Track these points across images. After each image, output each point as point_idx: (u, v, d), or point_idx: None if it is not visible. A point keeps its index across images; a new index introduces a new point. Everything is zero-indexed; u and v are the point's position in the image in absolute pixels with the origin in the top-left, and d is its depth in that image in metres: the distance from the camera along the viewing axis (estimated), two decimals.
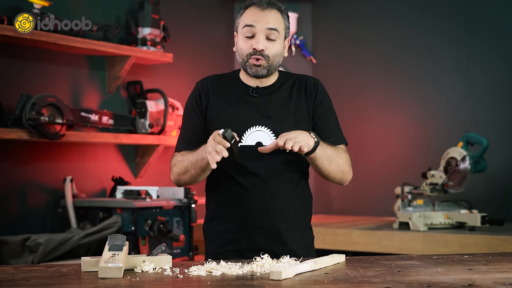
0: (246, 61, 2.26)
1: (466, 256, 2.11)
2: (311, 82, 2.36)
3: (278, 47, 2.27)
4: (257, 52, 2.23)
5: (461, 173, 3.77)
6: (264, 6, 2.25)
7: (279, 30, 2.26)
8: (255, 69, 2.26)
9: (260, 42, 2.23)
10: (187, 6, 4.61)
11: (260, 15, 2.25)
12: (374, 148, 4.83)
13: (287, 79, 2.37)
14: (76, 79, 3.81)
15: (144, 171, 4.12)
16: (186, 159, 2.25)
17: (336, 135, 2.36)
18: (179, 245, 3.64)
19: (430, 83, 4.62)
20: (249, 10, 2.28)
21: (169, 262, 1.90)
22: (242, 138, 2.26)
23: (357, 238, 3.78)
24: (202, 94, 2.33)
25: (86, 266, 1.83)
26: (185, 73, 4.52)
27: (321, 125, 2.33)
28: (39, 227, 3.55)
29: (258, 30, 2.23)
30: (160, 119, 4.01)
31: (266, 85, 2.33)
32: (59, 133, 3.37)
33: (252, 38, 2.25)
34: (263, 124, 2.27)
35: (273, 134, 2.26)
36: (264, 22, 2.24)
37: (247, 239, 2.26)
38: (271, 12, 2.26)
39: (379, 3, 4.84)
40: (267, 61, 2.25)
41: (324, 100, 2.35)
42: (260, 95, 2.31)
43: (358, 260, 2.04)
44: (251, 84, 2.33)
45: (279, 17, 2.27)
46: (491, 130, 4.24)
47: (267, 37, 2.24)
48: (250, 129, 2.26)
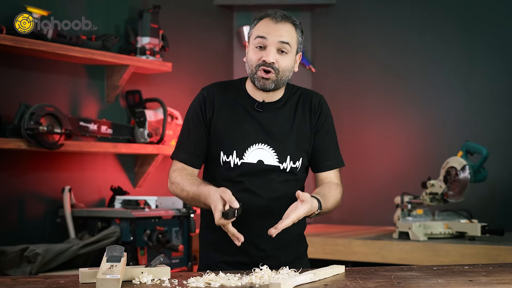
0: (255, 72, 2.21)
1: (466, 267, 2.09)
2: (316, 100, 2.33)
3: (289, 61, 2.23)
4: (266, 64, 2.19)
5: (461, 183, 3.76)
6: (278, 19, 2.21)
7: (291, 44, 2.22)
8: (263, 82, 2.21)
9: (271, 55, 2.19)
10: (186, 15, 4.61)
11: (273, 27, 2.20)
12: (374, 157, 4.82)
13: (292, 94, 2.33)
14: (75, 88, 3.81)
15: (143, 180, 4.11)
16: (186, 190, 2.20)
17: (333, 159, 2.34)
18: (178, 255, 3.63)
19: (430, 92, 4.62)
20: (262, 22, 2.23)
21: (168, 273, 1.89)
22: (243, 155, 2.23)
23: (357, 248, 3.77)
24: (208, 102, 2.28)
25: (84, 278, 1.82)
26: (184, 82, 4.51)
27: (320, 147, 2.32)
28: (37, 237, 3.53)
29: (270, 42, 2.19)
30: (159, 128, 4.00)
31: (272, 100, 2.29)
32: (57, 142, 3.36)
33: (263, 49, 2.21)
34: (266, 142, 2.24)
35: (274, 152, 2.24)
36: (276, 34, 2.19)
37: (240, 252, 2.24)
38: (285, 26, 2.21)
39: (379, 11, 4.85)
40: (276, 74, 2.21)
41: (326, 122, 2.34)
42: (265, 110, 2.28)
43: (358, 271, 2.03)
44: (257, 97, 2.28)
45: (292, 31, 2.23)
46: (491, 139, 4.23)
47: (278, 50, 2.20)
48: (252, 146, 2.24)
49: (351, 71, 4.96)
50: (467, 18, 4.47)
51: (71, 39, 3.54)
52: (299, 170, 2.29)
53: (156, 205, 3.70)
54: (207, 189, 2.13)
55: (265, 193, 2.24)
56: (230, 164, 2.23)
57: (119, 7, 4.09)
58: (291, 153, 2.25)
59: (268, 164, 2.23)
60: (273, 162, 2.23)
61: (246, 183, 2.23)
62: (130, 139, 3.95)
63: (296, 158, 2.27)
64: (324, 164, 2.32)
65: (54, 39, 3.43)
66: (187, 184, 2.20)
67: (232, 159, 2.23)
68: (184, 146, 2.30)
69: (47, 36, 3.40)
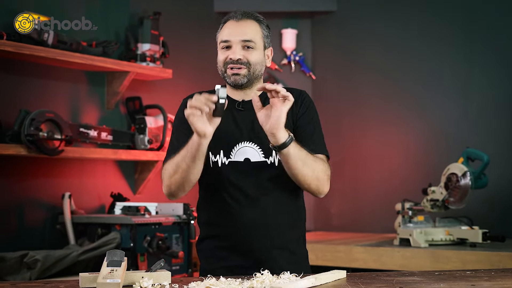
0: (224, 71, 2.27)
1: (468, 272, 2.08)
2: (297, 93, 2.32)
3: (256, 56, 2.25)
4: (233, 61, 2.23)
5: (462, 189, 3.75)
6: (239, 17, 2.26)
7: (255, 40, 2.25)
8: (234, 78, 2.25)
9: (236, 52, 2.23)
10: (186, 22, 4.62)
11: (235, 27, 2.25)
12: (374, 164, 4.81)
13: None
14: (75, 94, 3.81)
15: (143, 187, 4.10)
16: (175, 157, 2.19)
17: (318, 145, 2.28)
18: (178, 261, 3.61)
19: (430, 98, 4.61)
20: (226, 25, 2.28)
21: (168, 278, 1.88)
22: (230, 154, 2.25)
23: (357, 254, 3.76)
24: None
25: (84, 282, 1.81)
26: (185, 89, 4.51)
27: (301, 134, 2.27)
28: (37, 243, 3.52)
29: (234, 41, 2.24)
30: (159, 135, 3.99)
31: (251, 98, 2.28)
32: (57, 148, 3.36)
33: (229, 49, 2.25)
34: (251, 140, 2.26)
35: (260, 150, 2.25)
36: (238, 33, 2.24)
37: (238, 257, 2.24)
38: (247, 23, 2.26)
39: (378, 19, 4.85)
40: (248, 68, 2.24)
41: (308, 111, 2.31)
42: (247, 108, 2.29)
43: (359, 276, 2.01)
44: (237, 97, 2.31)
45: (255, 27, 2.27)
46: (491, 146, 4.22)
47: (244, 47, 2.24)
48: (238, 145, 2.26)
49: (351, 78, 4.96)
50: (466, 24, 4.47)
51: (72, 45, 3.54)
52: None
53: (156, 212, 3.69)
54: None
55: (256, 191, 2.23)
56: (218, 163, 2.25)
57: (119, 13, 4.09)
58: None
59: (255, 161, 2.24)
60: (259, 158, 2.24)
61: (236, 182, 2.24)
62: (130, 145, 3.95)
63: None
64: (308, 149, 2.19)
65: (55, 45, 3.43)
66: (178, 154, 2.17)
67: (219, 158, 2.25)
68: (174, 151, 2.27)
69: (47, 42, 3.40)
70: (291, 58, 5.04)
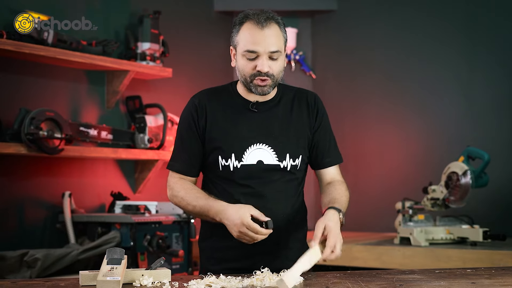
0: (250, 82, 2.19)
1: (468, 270, 2.08)
2: (311, 98, 2.33)
3: (281, 64, 2.21)
4: (262, 74, 2.16)
5: (462, 188, 3.75)
6: (263, 23, 2.15)
7: (281, 49, 2.19)
8: (261, 89, 2.19)
9: (265, 65, 2.15)
10: (186, 21, 4.62)
11: (260, 36, 2.14)
12: (375, 163, 4.81)
13: (286, 93, 2.32)
14: (75, 93, 3.80)
15: (143, 186, 4.10)
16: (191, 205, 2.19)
17: (333, 155, 2.34)
18: (178, 260, 3.61)
19: (431, 97, 4.61)
20: (247, 27, 2.17)
21: (168, 276, 1.88)
22: (242, 157, 2.21)
23: (357, 253, 3.75)
24: (199, 110, 2.25)
25: (84, 280, 1.81)
26: (185, 88, 4.51)
27: (320, 144, 2.32)
28: (37, 242, 3.52)
29: (261, 52, 2.15)
30: (159, 134, 3.99)
31: (266, 100, 2.28)
32: (57, 147, 3.35)
33: (254, 60, 2.17)
34: (264, 142, 2.22)
35: (274, 152, 2.22)
36: (265, 44, 2.14)
37: (245, 258, 2.21)
38: (271, 30, 2.16)
39: (379, 18, 4.85)
40: (272, 80, 2.19)
41: (324, 119, 2.34)
42: (260, 110, 2.26)
43: (359, 274, 2.01)
44: (251, 98, 2.27)
45: (279, 33, 2.18)
46: (492, 144, 4.22)
47: (269, 58, 2.17)
48: (251, 147, 2.22)
49: (352, 77, 4.95)
50: (468, 24, 4.47)
51: (72, 44, 3.54)
52: (299, 169, 2.27)
53: (156, 210, 3.69)
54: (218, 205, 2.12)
55: (267, 195, 2.22)
56: (229, 167, 2.21)
57: (119, 12, 4.09)
58: (290, 151, 2.24)
59: (268, 163, 2.21)
60: (272, 161, 2.22)
61: (248, 186, 2.21)
62: (130, 144, 3.94)
63: (296, 156, 2.25)
64: (325, 161, 2.32)
65: (55, 44, 3.43)
66: (192, 198, 2.19)
67: (231, 162, 2.21)
68: (178, 157, 2.28)
69: (47, 41, 3.40)
70: (291, 57, 5.03)
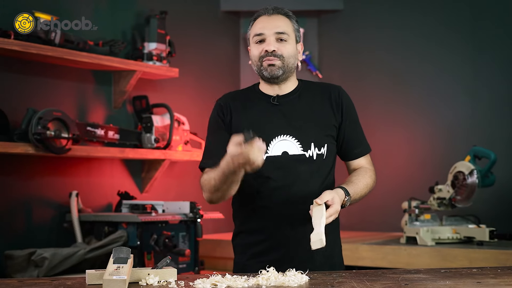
0: (261, 65, 2.29)
1: (474, 270, 2.08)
2: (335, 92, 2.37)
3: (290, 48, 2.29)
4: (269, 53, 2.26)
5: (468, 188, 3.74)
6: (271, 12, 2.32)
7: (288, 32, 2.29)
8: (270, 69, 2.27)
9: (271, 44, 2.26)
10: (193, 21, 4.62)
11: (267, 20, 2.30)
12: (381, 162, 4.80)
13: (307, 86, 2.39)
14: (82, 93, 3.82)
15: (150, 185, 4.11)
16: (212, 178, 2.20)
17: (361, 146, 2.41)
18: (184, 260, 3.62)
19: (437, 97, 4.60)
20: (258, 20, 2.34)
21: (174, 275, 1.88)
22: (268, 149, 2.24)
23: (364, 253, 3.75)
24: (225, 110, 2.34)
25: (91, 279, 1.82)
26: (191, 87, 4.52)
27: (350, 136, 2.37)
28: (44, 241, 3.53)
29: (268, 34, 2.28)
30: (166, 133, 4.00)
31: (286, 92, 2.33)
32: (65, 147, 3.37)
33: (263, 43, 2.29)
34: (288, 133, 2.27)
35: (298, 143, 2.26)
36: (271, 27, 2.28)
37: (275, 251, 2.24)
38: (278, 17, 2.31)
39: (385, 18, 4.84)
40: (282, 61, 2.27)
41: (350, 111, 2.38)
42: (282, 102, 2.32)
43: (364, 274, 2.02)
44: (271, 93, 2.34)
45: (286, 21, 2.32)
46: (498, 144, 4.21)
47: (277, 40, 2.28)
48: (276, 138, 2.26)
49: (358, 77, 4.95)
50: (473, 24, 4.46)
51: (79, 45, 3.55)
52: (326, 158, 2.29)
53: (163, 210, 3.70)
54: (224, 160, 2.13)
55: (293, 185, 2.24)
56: None
57: (126, 13, 4.10)
58: (314, 140, 2.27)
59: (293, 154, 2.25)
60: (297, 151, 2.26)
61: (274, 177, 2.24)
62: (137, 144, 3.95)
63: (321, 145, 2.28)
64: (354, 152, 2.38)
65: (62, 44, 3.45)
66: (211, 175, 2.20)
67: None
68: (209, 153, 2.32)
69: (54, 41, 3.42)
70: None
